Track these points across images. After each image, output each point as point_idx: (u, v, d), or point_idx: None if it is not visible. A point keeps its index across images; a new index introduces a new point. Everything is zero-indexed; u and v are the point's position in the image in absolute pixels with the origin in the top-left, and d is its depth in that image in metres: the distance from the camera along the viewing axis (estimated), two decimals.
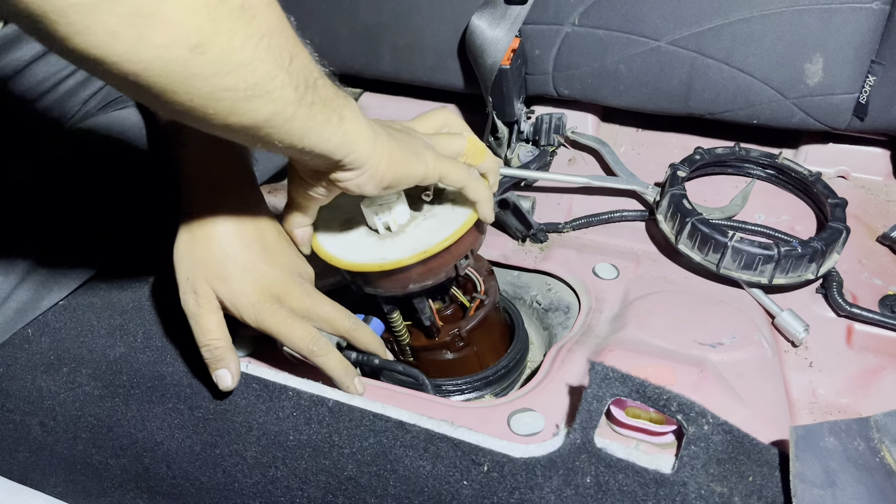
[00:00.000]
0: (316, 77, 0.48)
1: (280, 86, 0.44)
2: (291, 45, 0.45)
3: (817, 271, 0.76)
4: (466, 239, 0.62)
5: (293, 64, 0.45)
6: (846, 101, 0.87)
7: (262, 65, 0.43)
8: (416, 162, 0.56)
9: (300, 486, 0.59)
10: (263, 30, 0.42)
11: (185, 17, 0.38)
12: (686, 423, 0.55)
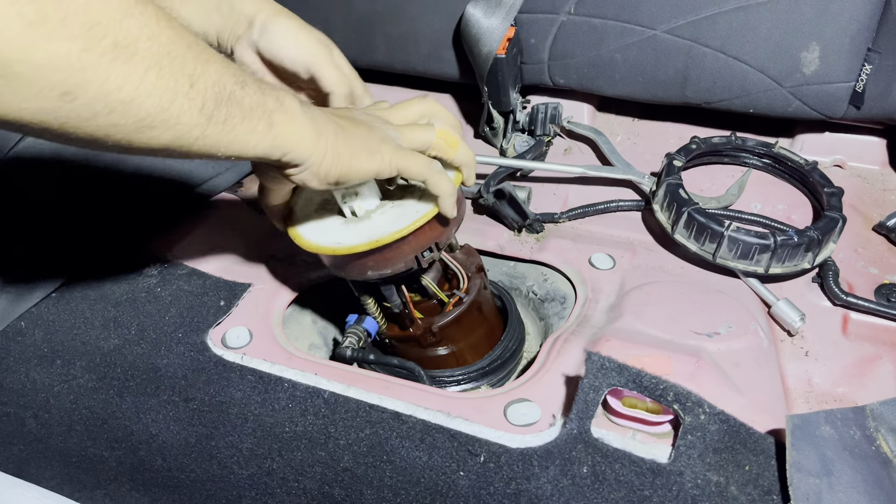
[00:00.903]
0: (232, 89, 0.46)
1: (178, 112, 0.43)
2: (191, 67, 0.43)
3: (813, 260, 0.76)
4: (425, 232, 0.61)
5: (195, 86, 0.43)
6: (842, 90, 0.87)
7: (150, 99, 0.41)
8: (367, 158, 0.55)
9: (296, 478, 0.59)
10: (148, 62, 0.40)
11: (46, 68, 0.37)
12: (682, 412, 0.55)
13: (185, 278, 0.78)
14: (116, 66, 0.39)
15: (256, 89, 0.48)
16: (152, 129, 0.42)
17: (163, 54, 0.41)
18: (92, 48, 0.37)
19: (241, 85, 0.47)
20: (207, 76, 0.44)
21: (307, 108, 0.53)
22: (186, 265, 0.80)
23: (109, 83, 0.39)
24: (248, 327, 0.72)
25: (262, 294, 0.77)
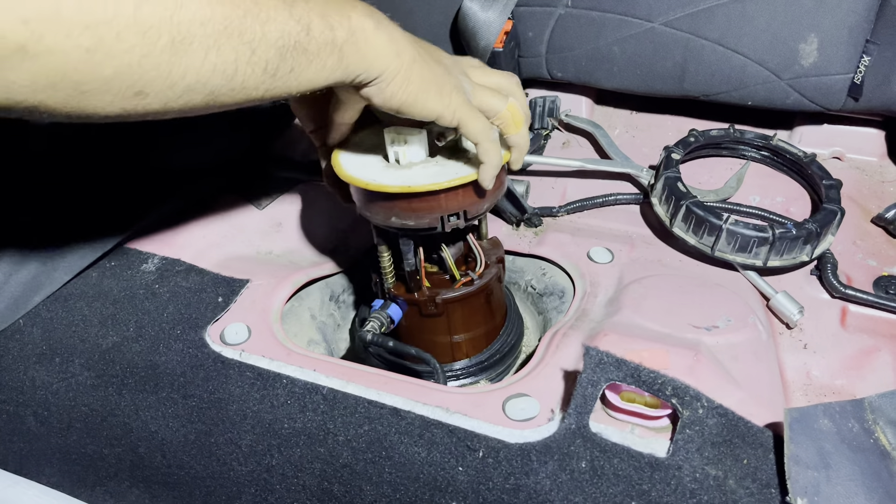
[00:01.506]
0: (297, 38, 0.47)
1: (241, 80, 0.45)
2: (250, 34, 0.44)
3: (812, 253, 0.76)
4: (458, 194, 0.62)
5: (256, 52, 0.44)
6: (841, 82, 0.87)
7: (213, 76, 0.43)
8: (435, 97, 0.55)
9: (295, 474, 0.59)
10: (206, 45, 0.42)
11: (114, 80, 0.40)
12: (681, 406, 0.55)
13: (183, 275, 0.78)
14: (177, 58, 0.41)
15: (323, 27, 0.48)
16: (220, 98, 0.45)
17: (219, 32, 0.42)
18: (150, 52, 0.40)
19: (306, 30, 0.47)
20: (268, 37, 0.45)
21: (383, 28, 0.53)
22: (184, 262, 0.80)
23: (174, 75, 0.41)
24: (247, 323, 0.72)
25: (261, 290, 0.76)
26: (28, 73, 0.37)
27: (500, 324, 0.78)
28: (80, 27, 0.37)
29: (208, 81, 0.43)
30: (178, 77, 0.41)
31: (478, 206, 0.64)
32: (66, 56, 0.37)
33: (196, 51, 0.42)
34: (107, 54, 0.38)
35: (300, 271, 0.81)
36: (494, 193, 0.65)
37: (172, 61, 0.41)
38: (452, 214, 0.63)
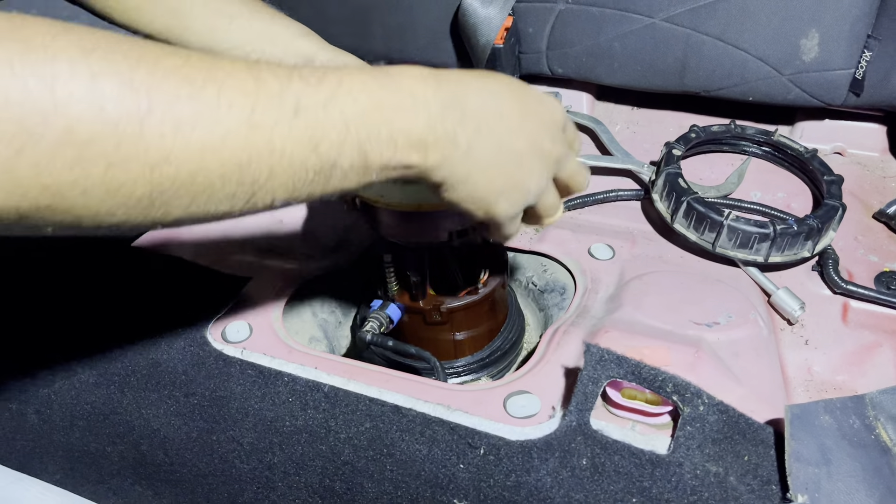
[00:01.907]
0: (320, 167, 0.41)
1: (240, 212, 0.41)
2: (252, 177, 0.39)
3: (813, 249, 0.76)
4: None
5: (258, 194, 0.40)
6: (842, 77, 0.86)
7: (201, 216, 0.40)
8: (496, 201, 0.49)
9: (297, 472, 0.59)
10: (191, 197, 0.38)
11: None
12: (682, 403, 0.55)
13: (185, 272, 0.78)
14: (153, 209, 0.37)
15: (359, 161, 0.42)
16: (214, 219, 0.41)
17: (212, 182, 0.38)
18: (125, 203, 0.36)
19: (331, 166, 0.41)
20: (276, 175, 0.40)
21: (431, 152, 0.45)
22: (186, 259, 0.80)
23: (150, 217, 0.37)
24: (248, 321, 0.72)
25: (262, 288, 0.77)
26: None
27: (503, 322, 0.78)
28: (37, 188, 0.33)
29: (195, 217, 0.39)
30: (158, 218, 0.38)
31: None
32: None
33: (181, 199, 0.37)
34: (68, 209, 0.34)
35: (301, 269, 0.81)
36: None
37: (149, 209, 0.37)
38: (461, 231, 0.63)
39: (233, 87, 0.37)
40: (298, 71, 0.41)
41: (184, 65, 0.36)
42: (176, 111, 0.35)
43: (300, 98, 0.40)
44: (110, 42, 0.35)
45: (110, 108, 0.33)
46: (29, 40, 0.32)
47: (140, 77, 0.34)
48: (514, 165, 0.49)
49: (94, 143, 0.33)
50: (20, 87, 0.31)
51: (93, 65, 0.33)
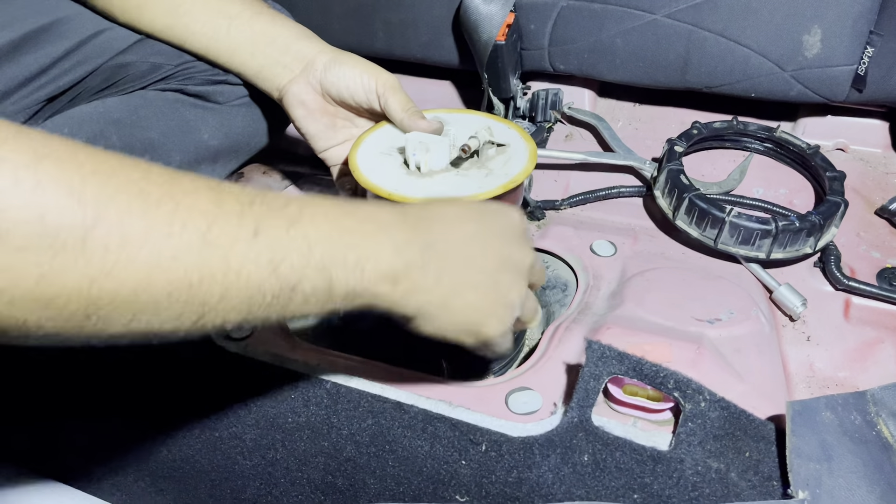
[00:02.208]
0: (278, 290, 0.39)
1: (186, 332, 0.39)
2: (202, 298, 0.37)
3: (815, 245, 0.76)
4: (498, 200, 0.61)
5: (207, 315, 0.38)
6: (844, 73, 0.86)
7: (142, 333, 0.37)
8: (466, 336, 0.50)
9: (299, 468, 0.60)
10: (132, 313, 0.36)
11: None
12: (683, 399, 0.55)
13: None
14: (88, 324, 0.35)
15: (322, 285, 0.41)
16: (154, 339, 0.39)
17: (155, 301, 0.36)
18: (57, 317, 0.34)
19: (290, 290, 0.40)
20: (228, 298, 0.38)
21: (407, 278, 0.45)
22: None
23: (84, 333, 0.35)
24: None
25: None
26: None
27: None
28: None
29: (135, 334, 0.37)
30: (92, 333, 0.36)
31: None
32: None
33: (120, 316, 0.36)
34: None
35: None
36: (518, 196, 0.66)
37: (83, 325, 0.35)
38: None
39: (190, 206, 0.36)
40: (262, 196, 0.40)
41: (141, 179, 0.35)
42: (125, 226, 0.34)
43: (261, 220, 0.39)
44: (67, 150, 0.34)
45: (51, 217, 0.32)
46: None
47: (90, 189, 0.33)
48: (491, 285, 0.49)
49: (28, 250, 0.32)
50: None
51: (40, 172, 0.32)
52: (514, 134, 0.68)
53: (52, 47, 0.71)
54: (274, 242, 0.39)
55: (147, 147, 0.79)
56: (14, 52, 0.69)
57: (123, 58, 0.76)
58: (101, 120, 0.76)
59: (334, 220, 0.42)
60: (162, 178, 0.36)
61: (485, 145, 0.64)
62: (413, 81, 1.17)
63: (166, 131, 0.80)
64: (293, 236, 0.40)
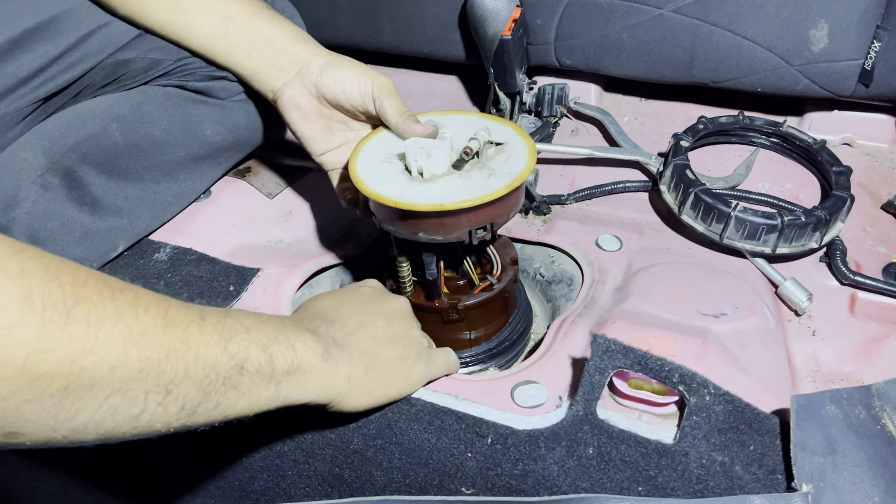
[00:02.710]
0: (227, 373, 0.44)
1: (149, 419, 0.40)
2: (169, 375, 0.40)
3: (821, 240, 0.76)
4: (487, 209, 0.61)
5: (172, 392, 0.40)
6: (851, 68, 0.86)
7: (111, 418, 0.38)
8: (402, 384, 0.59)
9: (306, 460, 0.60)
10: (108, 391, 0.37)
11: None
12: (688, 393, 0.55)
13: (195, 264, 0.78)
14: (68, 402, 0.36)
15: (262, 361, 0.46)
16: (117, 435, 0.40)
17: (129, 377, 0.38)
18: (36, 397, 0.35)
19: (240, 367, 0.45)
20: (192, 375, 0.41)
21: (331, 356, 0.52)
22: (196, 251, 0.80)
23: (59, 418, 0.36)
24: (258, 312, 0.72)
25: (272, 279, 0.77)
26: None
27: (513, 313, 0.78)
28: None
29: (103, 422, 0.38)
30: (65, 418, 0.36)
31: (504, 217, 0.65)
32: None
33: (95, 395, 0.37)
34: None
35: (311, 259, 0.82)
36: (518, 205, 0.66)
37: (62, 404, 0.36)
38: (480, 228, 0.63)
39: (146, 295, 0.41)
40: (198, 304, 0.46)
41: (101, 276, 0.39)
42: (102, 307, 0.37)
43: (203, 309, 0.45)
44: (42, 253, 0.37)
45: (37, 300, 0.34)
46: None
47: (66, 277, 0.37)
48: (393, 334, 0.60)
49: (19, 329, 0.34)
50: None
51: (25, 261, 0.35)
52: (511, 132, 0.68)
53: (52, 44, 0.71)
54: (218, 324, 0.45)
55: (150, 143, 0.79)
56: (13, 50, 0.69)
57: (123, 54, 0.76)
58: (103, 116, 0.76)
59: (254, 316, 0.49)
60: (108, 278, 0.40)
61: (484, 146, 0.64)
62: (419, 76, 1.17)
63: (169, 127, 0.80)
64: (231, 323, 0.46)
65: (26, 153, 0.73)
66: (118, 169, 0.77)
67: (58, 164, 0.74)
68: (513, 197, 0.63)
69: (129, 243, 0.80)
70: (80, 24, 0.73)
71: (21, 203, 0.71)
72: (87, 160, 0.75)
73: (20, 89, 0.71)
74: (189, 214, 0.86)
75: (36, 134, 0.74)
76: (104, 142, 0.76)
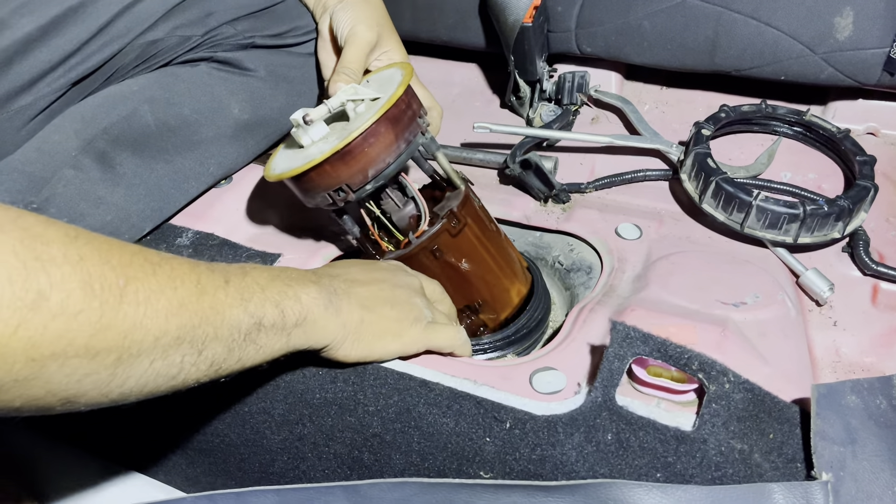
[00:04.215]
0: (248, 330, 0.48)
1: (184, 378, 0.45)
2: (201, 339, 0.44)
3: (844, 230, 0.75)
4: (327, 172, 0.63)
5: (203, 353, 0.45)
6: (876, 56, 0.85)
7: (155, 380, 0.43)
8: (392, 340, 0.61)
9: (326, 443, 0.61)
10: (153, 356, 0.42)
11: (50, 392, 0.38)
12: (707, 381, 0.55)
13: (217, 248, 0.79)
14: (120, 370, 0.40)
15: (276, 316, 0.50)
16: (155, 393, 0.44)
17: (169, 343, 0.42)
18: (94, 370, 0.39)
19: (259, 323, 0.49)
20: (220, 336, 0.46)
21: (332, 305, 0.56)
22: (218, 236, 0.81)
23: (112, 385, 0.40)
24: None
25: (293, 264, 0.78)
26: None
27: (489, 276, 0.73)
28: (24, 360, 0.35)
29: (147, 384, 0.43)
30: (115, 385, 0.41)
31: (356, 176, 0.64)
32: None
33: (142, 363, 0.41)
34: (45, 381, 0.37)
35: (330, 245, 0.82)
36: (363, 159, 0.64)
37: (115, 373, 0.40)
38: (337, 190, 0.65)
39: (178, 266, 0.45)
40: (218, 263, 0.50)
41: (140, 252, 0.43)
42: (147, 284, 0.41)
43: (225, 272, 0.48)
44: (90, 234, 0.40)
45: (96, 285, 0.38)
46: (29, 229, 0.36)
47: (115, 258, 0.40)
48: (395, 298, 0.62)
49: (83, 313, 0.37)
50: (20, 269, 0.35)
51: (81, 248, 0.38)
52: (394, 84, 0.67)
53: (80, 29, 0.73)
54: (240, 287, 0.48)
55: (180, 123, 0.80)
56: (44, 37, 0.71)
57: (151, 34, 0.78)
58: (134, 98, 0.78)
59: (267, 272, 0.53)
60: (146, 252, 0.44)
61: (349, 104, 0.65)
62: (439, 64, 1.17)
63: (198, 107, 0.81)
64: (249, 283, 0.49)
65: (60, 136, 0.74)
66: (149, 149, 0.79)
67: (91, 145, 0.75)
68: (344, 159, 0.63)
69: (156, 224, 0.81)
70: (107, 8, 0.74)
71: (55, 184, 0.72)
72: (119, 141, 0.77)
73: (52, 73, 0.72)
74: (210, 200, 0.87)
75: (69, 117, 0.75)
76: (136, 123, 0.78)
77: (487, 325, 0.75)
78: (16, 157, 0.73)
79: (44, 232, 0.37)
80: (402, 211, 0.72)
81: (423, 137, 0.68)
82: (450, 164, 0.72)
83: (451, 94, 1.13)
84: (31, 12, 0.71)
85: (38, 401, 0.37)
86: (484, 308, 0.74)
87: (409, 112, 0.66)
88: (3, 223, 0.35)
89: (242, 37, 0.83)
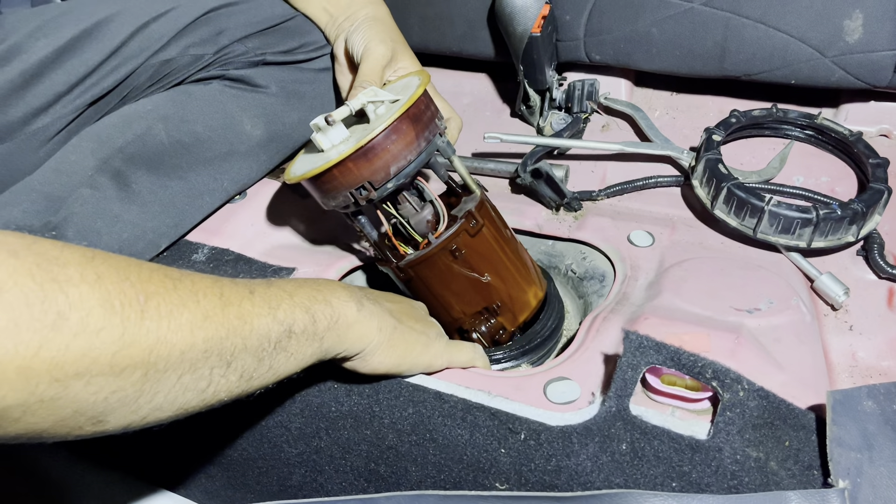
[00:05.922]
0: (278, 339, 0.48)
1: (213, 391, 0.45)
2: (229, 351, 0.44)
3: (858, 233, 0.75)
4: (349, 170, 0.63)
5: (232, 365, 0.45)
6: (887, 58, 0.85)
7: (184, 395, 0.42)
8: (422, 351, 0.61)
9: (343, 456, 0.61)
10: (180, 371, 0.41)
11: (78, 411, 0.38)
12: (721, 389, 0.55)
13: (232, 264, 0.80)
14: (147, 386, 0.40)
15: (307, 322, 0.50)
16: (188, 409, 0.44)
17: (197, 357, 0.42)
18: (121, 387, 0.39)
19: (289, 330, 0.49)
20: (249, 346, 0.46)
21: (365, 309, 0.55)
22: (233, 251, 0.82)
23: (140, 401, 0.40)
24: None
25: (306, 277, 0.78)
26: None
27: (504, 278, 0.72)
28: (48, 381, 0.35)
29: (176, 400, 0.42)
30: (144, 402, 0.40)
31: (378, 174, 0.64)
32: (25, 409, 0.35)
33: (169, 377, 0.41)
34: (71, 400, 0.37)
35: (344, 258, 0.83)
36: (385, 157, 0.64)
37: (142, 390, 0.40)
38: (359, 188, 0.65)
39: (199, 280, 0.44)
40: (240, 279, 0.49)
41: (159, 269, 0.43)
42: (168, 299, 0.41)
43: (250, 285, 0.48)
44: (106, 254, 0.40)
45: (115, 302, 0.38)
46: (44, 253, 0.37)
47: (134, 275, 0.40)
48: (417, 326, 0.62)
49: (105, 331, 0.37)
50: (37, 292, 0.35)
51: (97, 267, 0.38)
52: (412, 88, 0.68)
53: (95, 50, 0.74)
54: (266, 294, 0.48)
55: (194, 140, 0.82)
56: (59, 59, 0.72)
57: (164, 54, 0.79)
58: (148, 117, 0.79)
59: (293, 281, 0.53)
60: (173, 270, 0.44)
61: (370, 105, 0.66)
62: (449, 74, 1.18)
63: (211, 124, 0.83)
64: (275, 292, 0.49)
65: (76, 156, 0.76)
66: (164, 167, 0.80)
67: (106, 164, 0.76)
68: (367, 156, 0.63)
69: (172, 240, 0.82)
70: (120, 29, 0.76)
71: (72, 204, 0.74)
72: (134, 160, 0.78)
73: (68, 95, 0.74)
74: (225, 215, 0.88)
75: (85, 137, 0.77)
76: (150, 141, 0.79)
77: (506, 328, 0.74)
78: (34, 177, 0.74)
79: (60, 255, 0.37)
80: (420, 215, 0.72)
81: (440, 139, 0.69)
82: (465, 168, 0.73)
83: (462, 104, 1.13)
84: (45, 35, 0.72)
85: (67, 421, 0.38)
86: (502, 310, 0.74)
87: (428, 112, 0.67)
88: (19, 249, 0.36)
89: (253, 54, 0.84)
